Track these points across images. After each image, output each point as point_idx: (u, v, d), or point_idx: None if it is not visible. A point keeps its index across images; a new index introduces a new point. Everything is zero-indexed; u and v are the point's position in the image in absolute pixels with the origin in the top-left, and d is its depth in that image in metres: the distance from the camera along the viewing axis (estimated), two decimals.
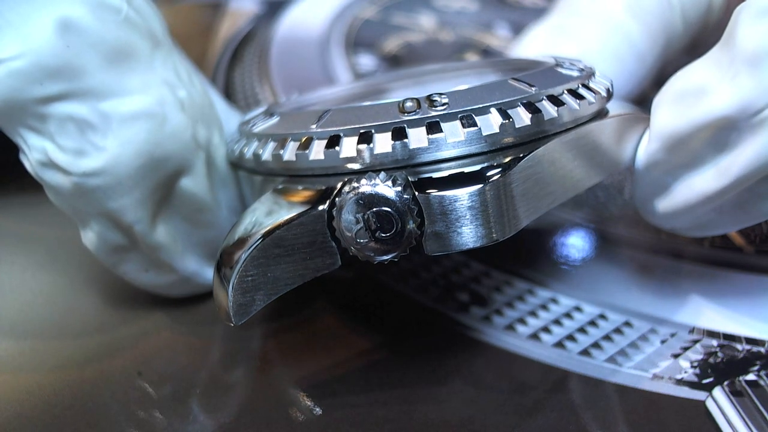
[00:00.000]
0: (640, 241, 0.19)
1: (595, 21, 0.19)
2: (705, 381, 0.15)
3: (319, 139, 0.13)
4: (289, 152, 0.13)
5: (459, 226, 0.12)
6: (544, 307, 0.17)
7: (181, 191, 0.15)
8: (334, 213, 0.12)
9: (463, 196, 0.12)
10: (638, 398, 0.15)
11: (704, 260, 0.19)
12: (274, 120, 0.14)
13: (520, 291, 0.17)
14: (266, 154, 0.14)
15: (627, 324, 0.16)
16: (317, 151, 0.13)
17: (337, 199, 0.12)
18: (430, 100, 0.13)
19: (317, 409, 0.14)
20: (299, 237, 0.13)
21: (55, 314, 0.17)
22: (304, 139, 0.13)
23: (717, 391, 0.15)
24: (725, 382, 0.15)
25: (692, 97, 0.14)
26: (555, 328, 0.16)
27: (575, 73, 0.14)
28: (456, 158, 0.13)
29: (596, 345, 0.16)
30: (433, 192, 0.12)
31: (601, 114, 0.15)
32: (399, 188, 0.12)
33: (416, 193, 0.12)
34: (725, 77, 0.14)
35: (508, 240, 0.12)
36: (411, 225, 0.12)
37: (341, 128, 0.13)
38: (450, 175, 0.12)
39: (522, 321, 0.17)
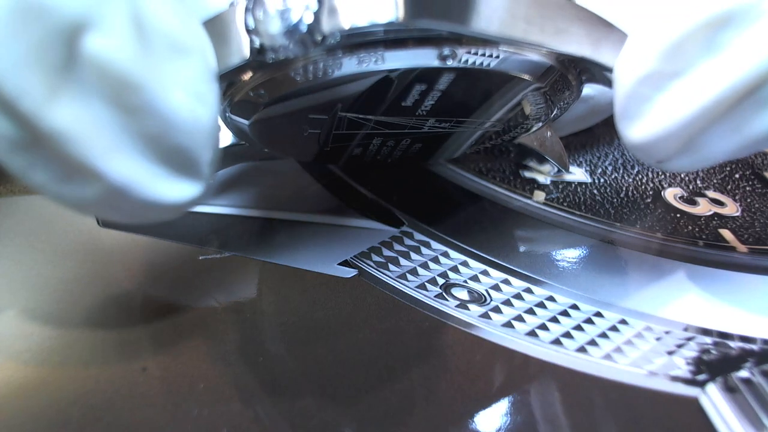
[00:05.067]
0: (635, 241, 0.20)
1: None
2: (699, 378, 0.15)
3: None
4: None
5: None
6: (541, 305, 0.17)
7: (90, 56, 0.11)
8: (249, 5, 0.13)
9: None
10: (634, 394, 0.15)
11: (698, 259, 0.19)
12: None
13: (518, 289, 0.18)
14: None
15: (623, 322, 0.17)
16: None
17: None
18: None
19: (318, 406, 0.15)
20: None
21: (60, 310, 0.17)
22: None
23: (711, 388, 0.15)
24: (719, 379, 0.15)
25: None
26: (552, 326, 0.17)
27: None
28: None
29: (593, 342, 0.16)
30: None
31: None
32: None
33: None
34: None
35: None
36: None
37: None
38: None
39: (520, 318, 0.17)
